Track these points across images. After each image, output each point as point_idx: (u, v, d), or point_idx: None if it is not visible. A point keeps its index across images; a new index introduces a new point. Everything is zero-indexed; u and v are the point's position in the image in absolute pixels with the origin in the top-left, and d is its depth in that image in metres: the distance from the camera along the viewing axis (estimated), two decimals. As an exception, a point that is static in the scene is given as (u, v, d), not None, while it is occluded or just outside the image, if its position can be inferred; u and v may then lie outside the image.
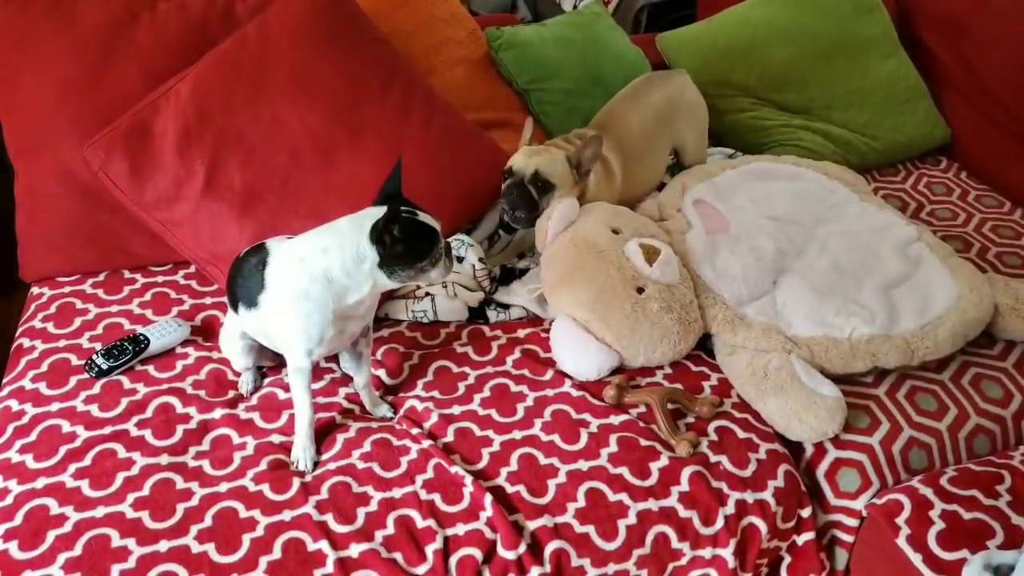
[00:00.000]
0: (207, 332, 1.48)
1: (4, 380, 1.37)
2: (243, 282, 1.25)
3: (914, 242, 1.64)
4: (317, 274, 1.16)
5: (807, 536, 1.31)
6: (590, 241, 1.48)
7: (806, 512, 1.31)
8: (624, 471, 1.25)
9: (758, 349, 1.43)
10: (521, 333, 1.51)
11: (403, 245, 1.14)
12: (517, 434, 1.30)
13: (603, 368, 1.40)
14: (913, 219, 1.79)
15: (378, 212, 1.14)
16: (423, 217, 1.16)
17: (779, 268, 1.57)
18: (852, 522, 1.33)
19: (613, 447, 1.28)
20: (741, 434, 1.33)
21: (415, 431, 1.29)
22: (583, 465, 1.25)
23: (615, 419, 1.33)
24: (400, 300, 1.56)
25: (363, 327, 1.27)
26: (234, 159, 1.50)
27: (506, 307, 1.58)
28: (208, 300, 1.55)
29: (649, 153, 1.77)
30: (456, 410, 1.34)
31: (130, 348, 1.38)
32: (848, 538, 1.33)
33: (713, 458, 1.29)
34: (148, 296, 1.55)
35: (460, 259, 1.58)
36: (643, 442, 1.29)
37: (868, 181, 1.90)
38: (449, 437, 1.29)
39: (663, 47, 2.11)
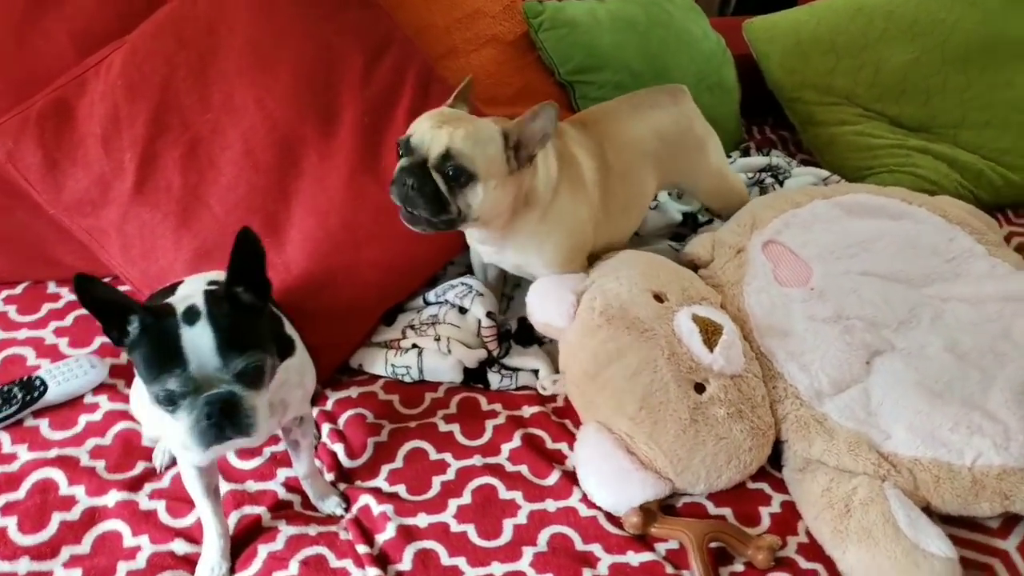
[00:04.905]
0: (132, 375, 1.16)
1: None
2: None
3: (1068, 322, 1.21)
4: None
5: None
6: (629, 316, 1.09)
7: None
8: (638, 640, 0.90)
9: (840, 468, 1.04)
10: (527, 411, 1.16)
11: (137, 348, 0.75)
12: (497, 568, 0.95)
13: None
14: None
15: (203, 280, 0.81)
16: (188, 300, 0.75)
17: (875, 344, 1.16)
18: None
19: (626, 603, 0.93)
20: (808, 598, 0.96)
21: (362, 548, 0.96)
22: (582, 628, 0.90)
23: (634, 557, 0.97)
24: (380, 349, 1.23)
25: (259, 437, 0.84)
26: (172, 153, 1.18)
27: (513, 370, 1.22)
28: (139, 330, 1.24)
29: (638, 173, 1.26)
30: (422, 520, 1.00)
31: (19, 396, 1.08)
32: None
33: (765, 631, 0.93)
34: (69, 320, 1.25)
35: (464, 311, 1.23)
36: (668, 599, 0.94)
37: (1000, 224, 1.46)
38: (405, 564, 0.95)
39: (751, 36, 1.70)
